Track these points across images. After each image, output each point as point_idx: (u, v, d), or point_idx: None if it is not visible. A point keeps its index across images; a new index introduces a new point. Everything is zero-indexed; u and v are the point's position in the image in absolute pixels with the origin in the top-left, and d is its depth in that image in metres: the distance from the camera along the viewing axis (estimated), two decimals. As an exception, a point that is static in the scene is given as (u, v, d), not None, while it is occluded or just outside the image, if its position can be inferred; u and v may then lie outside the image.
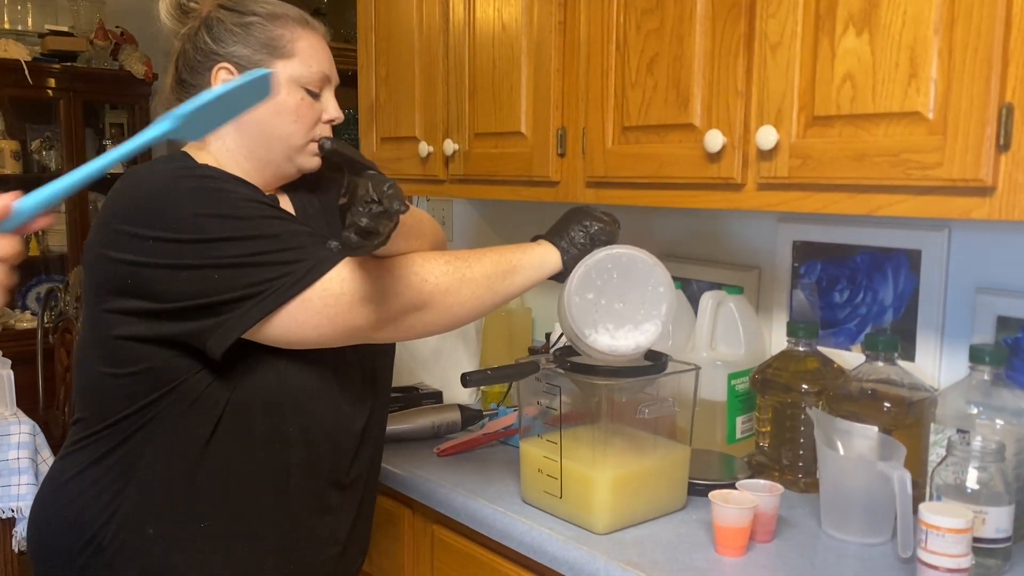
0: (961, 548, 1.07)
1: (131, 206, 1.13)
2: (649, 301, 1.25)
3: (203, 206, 1.11)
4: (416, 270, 1.12)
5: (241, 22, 1.25)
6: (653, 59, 1.43)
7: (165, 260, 1.09)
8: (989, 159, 1.05)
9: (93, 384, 1.21)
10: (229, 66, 1.24)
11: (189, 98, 1.18)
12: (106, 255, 1.13)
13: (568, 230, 1.28)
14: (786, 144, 1.25)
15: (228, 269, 1.08)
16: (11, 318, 3.77)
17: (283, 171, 1.29)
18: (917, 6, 1.09)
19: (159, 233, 1.09)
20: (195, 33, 1.27)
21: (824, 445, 1.30)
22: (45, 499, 1.26)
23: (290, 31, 1.26)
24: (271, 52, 1.24)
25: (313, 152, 1.29)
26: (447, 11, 1.87)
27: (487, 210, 2.40)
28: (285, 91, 1.24)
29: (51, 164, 3.90)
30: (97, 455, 1.20)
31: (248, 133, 1.24)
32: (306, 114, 1.26)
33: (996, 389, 1.26)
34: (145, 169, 1.19)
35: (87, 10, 3.91)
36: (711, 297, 1.63)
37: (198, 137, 1.17)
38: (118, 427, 1.18)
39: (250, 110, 0.95)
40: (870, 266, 1.57)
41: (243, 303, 1.08)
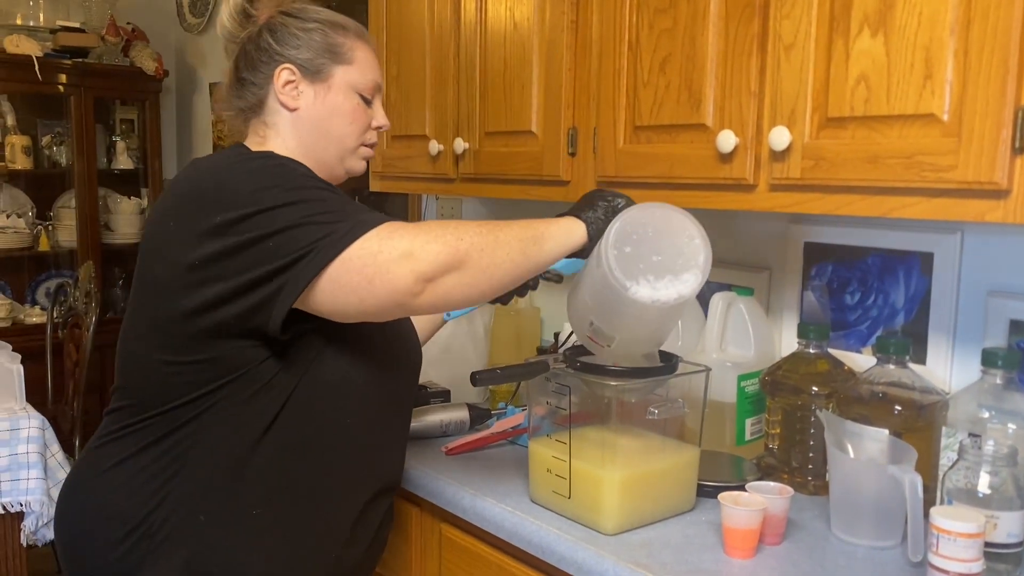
0: (972, 553, 1.06)
1: (196, 193, 1.17)
2: (686, 253, 1.23)
3: (261, 181, 1.14)
4: (451, 230, 1.11)
5: (304, 27, 1.32)
6: (665, 59, 1.43)
7: (232, 240, 1.11)
8: (1004, 162, 1.04)
9: (145, 371, 1.22)
10: (292, 67, 1.31)
11: (248, 94, 1.33)
12: (171, 242, 1.17)
13: (591, 206, 1.27)
14: (799, 145, 1.25)
15: (281, 234, 1.10)
16: (21, 313, 3.78)
17: (334, 172, 1.37)
18: (933, 7, 1.09)
19: (223, 215, 1.12)
20: (257, 36, 1.33)
21: (834, 448, 1.30)
22: (81, 487, 1.27)
23: (350, 40, 1.34)
24: (332, 57, 1.32)
25: (362, 156, 1.38)
26: (459, 10, 1.87)
27: (497, 209, 2.40)
28: (343, 95, 1.33)
29: (62, 160, 3.91)
30: (145, 443, 1.21)
31: (306, 132, 1.32)
32: (360, 118, 1.35)
33: (1008, 393, 1.25)
34: (207, 160, 1.25)
35: (99, 6, 3.92)
36: (721, 298, 1.63)
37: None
38: (172, 414, 1.20)
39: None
40: (882, 268, 1.56)
41: (294, 267, 1.09)
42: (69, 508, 1.29)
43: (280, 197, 1.12)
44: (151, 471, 1.21)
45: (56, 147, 3.93)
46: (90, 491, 1.25)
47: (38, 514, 2.27)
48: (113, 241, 4.01)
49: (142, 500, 1.20)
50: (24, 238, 3.84)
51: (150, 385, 1.22)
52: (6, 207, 3.85)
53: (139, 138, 4.12)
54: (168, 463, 1.20)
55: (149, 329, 1.21)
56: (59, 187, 3.98)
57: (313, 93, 1.32)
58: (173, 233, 1.17)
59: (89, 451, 1.29)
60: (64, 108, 3.83)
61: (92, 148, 3.84)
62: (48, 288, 3.98)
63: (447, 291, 1.12)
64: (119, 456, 1.23)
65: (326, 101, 1.32)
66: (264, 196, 1.12)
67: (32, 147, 3.82)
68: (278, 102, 1.32)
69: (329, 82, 1.32)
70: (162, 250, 1.18)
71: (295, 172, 1.18)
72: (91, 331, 2.99)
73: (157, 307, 1.19)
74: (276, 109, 1.32)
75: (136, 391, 1.24)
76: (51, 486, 2.33)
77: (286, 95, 1.31)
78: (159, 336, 1.20)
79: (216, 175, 1.18)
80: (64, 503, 1.30)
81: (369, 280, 1.08)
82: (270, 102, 1.33)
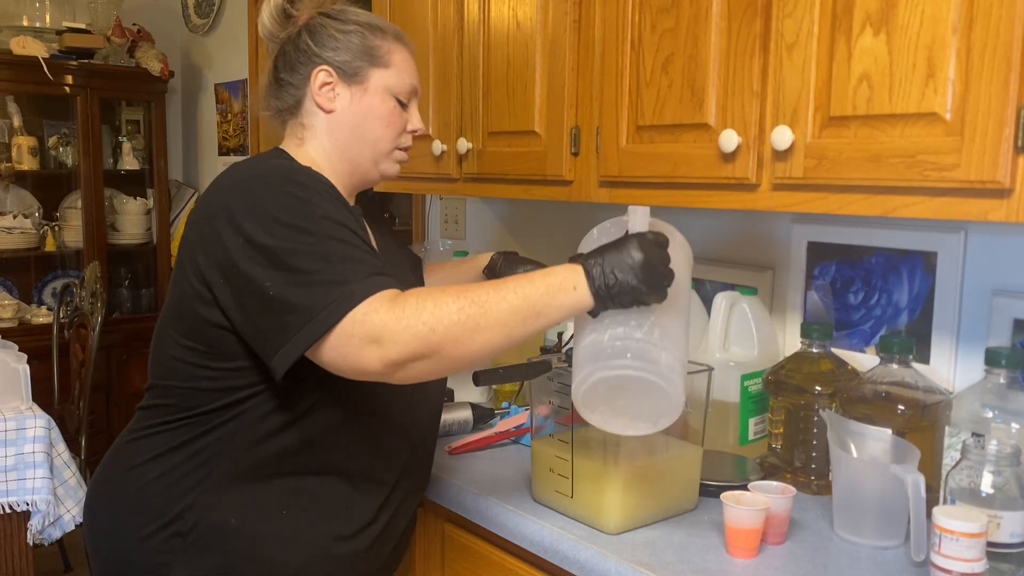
0: (975, 552, 1.06)
1: (222, 207, 1.17)
2: (651, 410, 1.17)
3: (284, 213, 1.13)
4: (425, 319, 1.06)
5: (343, 29, 1.32)
6: (668, 58, 1.43)
7: (237, 276, 1.13)
8: (1007, 161, 1.04)
9: (178, 372, 1.23)
10: (329, 69, 1.31)
11: (285, 95, 1.34)
12: (196, 251, 1.19)
13: (608, 258, 1.11)
14: (801, 144, 1.25)
15: (276, 296, 1.10)
16: (27, 313, 3.79)
17: (368, 175, 1.37)
18: (935, 6, 1.09)
19: (244, 234, 1.13)
20: (296, 36, 1.33)
21: (837, 447, 1.30)
22: (112, 479, 1.29)
23: (388, 43, 1.34)
24: (370, 60, 1.32)
25: (396, 159, 1.38)
26: (462, 10, 1.87)
27: (500, 209, 2.40)
28: (379, 98, 1.33)
29: (68, 160, 3.92)
30: (178, 442, 1.23)
31: (342, 135, 1.33)
32: (395, 122, 1.35)
33: (1012, 393, 1.25)
34: (245, 167, 1.24)
35: (105, 7, 3.93)
36: (725, 298, 1.63)
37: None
38: (204, 417, 1.21)
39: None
40: (885, 268, 1.56)
41: (282, 344, 1.10)
42: (99, 499, 1.30)
43: (290, 240, 1.11)
44: (183, 470, 1.22)
45: (62, 148, 3.94)
46: (121, 484, 1.27)
47: (44, 513, 2.28)
48: (119, 241, 4.03)
49: (174, 498, 1.22)
50: (30, 238, 3.85)
51: (183, 386, 1.23)
52: (13, 207, 3.87)
53: (145, 139, 4.13)
54: (200, 464, 1.22)
55: (180, 332, 1.23)
56: (65, 188, 4.00)
57: (350, 96, 1.32)
58: (198, 243, 1.19)
59: (121, 445, 1.31)
60: (70, 109, 3.85)
61: (98, 149, 3.85)
62: (54, 288, 3.99)
63: (419, 374, 1.11)
64: (152, 452, 1.24)
65: (362, 104, 1.32)
66: (276, 233, 1.11)
67: (38, 148, 3.83)
68: (315, 104, 1.32)
69: (365, 85, 1.32)
70: (191, 256, 1.20)
71: (319, 212, 1.14)
72: (97, 331, 3.00)
73: (188, 311, 1.21)
74: (313, 111, 1.33)
75: (169, 391, 1.25)
76: (57, 485, 2.34)
77: (323, 97, 1.31)
78: (191, 339, 1.21)
79: (246, 193, 1.17)
80: (94, 494, 1.32)
81: (344, 358, 1.09)
82: (307, 104, 1.33)
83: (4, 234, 3.76)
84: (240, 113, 3.84)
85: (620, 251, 1.11)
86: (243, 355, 1.19)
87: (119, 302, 4.08)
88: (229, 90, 3.93)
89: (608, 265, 1.10)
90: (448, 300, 1.08)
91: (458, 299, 1.08)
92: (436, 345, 1.07)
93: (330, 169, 1.32)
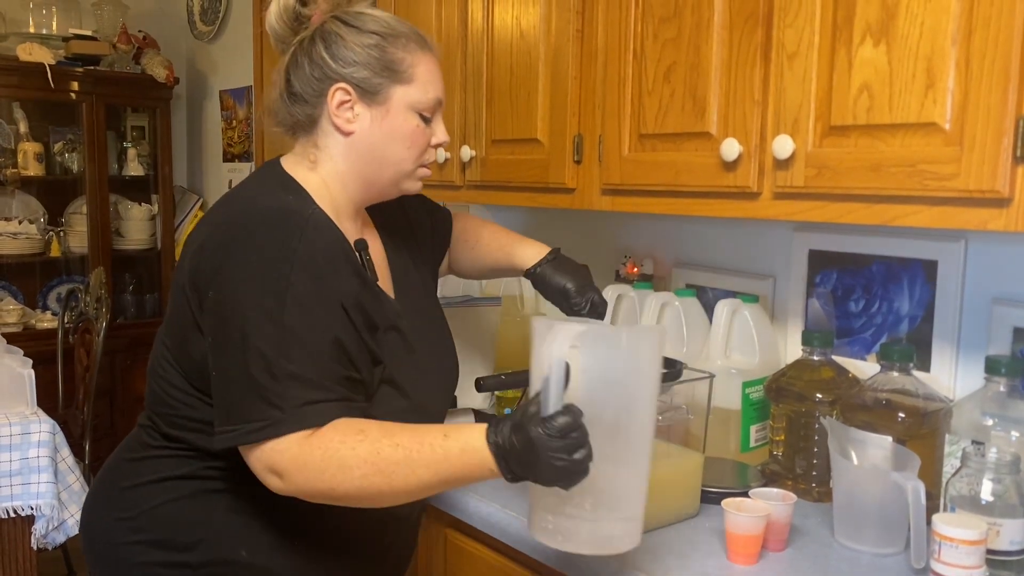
0: (974, 560, 1.07)
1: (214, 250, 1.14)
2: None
3: (257, 289, 1.09)
4: (327, 478, 1.05)
5: (361, 42, 1.20)
6: (670, 68, 1.44)
7: (206, 326, 1.13)
8: (1006, 170, 1.05)
9: (188, 405, 1.20)
10: (347, 87, 1.19)
11: (298, 110, 1.22)
12: (182, 281, 1.17)
13: (514, 454, 1.02)
14: (802, 153, 1.26)
15: (228, 376, 1.09)
16: (32, 318, 3.81)
17: (386, 193, 1.28)
18: (935, 17, 1.10)
19: (215, 295, 1.11)
20: (310, 44, 1.21)
21: (838, 454, 1.30)
22: (113, 501, 1.25)
23: (411, 55, 1.22)
24: (391, 76, 1.20)
25: (419, 177, 1.28)
26: (466, 18, 1.88)
27: (503, 216, 2.41)
28: (401, 118, 1.21)
29: (73, 166, 3.94)
30: (186, 471, 1.21)
31: (361, 156, 1.22)
32: (419, 141, 1.24)
33: (1012, 401, 1.25)
34: (239, 202, 1.20)
35: (110, 15, 3.95)
36: (726, 305, 1.63)
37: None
38: (219, 451, 1.15)
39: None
40: (886, 276, 1.56)
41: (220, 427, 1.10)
42: (101, 521, 1.27)
43: (249, 325, 1.07)
44: (190, 500, 1.20)
45: (68, 154, 3.96)
46: (122, 508, 1.23)
47: (48, 518, 2.29)
48: (124, 247, 4.04)
49: (182, 528, 1.20)
50: (36, 244, 3.87)
51: (186, 418, 1.20)
52: (18, 213, 3.88)
53: (150, 145, 4.15)
54: (209, 495, 1.20)
55: (188, 366, 1.19)
56: (71, 193, 4.01)
57: (370, 117, 1.21)
58: (187, 274, 1.17)
59: (128, 462, 1.27)
60: (76, 115, 3.86)
61: (103, 155, 3.87)
62: (59, 293, 4.00)
63: (318, 502, 1.10)
64: (158, 475, 1.22)
65: (383, 125, 1.21)
66: (246, 307, 1.08)
67: (44, 154, 3.85)
68: (331, 124, 1.21)
69: (387, 105, 1.20)
70: (178, 285, 1.19)
71: (294, 293, 1.08)
72: (101, 336, 3.02)
73: (175, 340, 1.20)
74: (329, 131, 1.22)
75: (170, 420, 1.22)
76: (61, 490, 2.35)
77: (340, 117, 1.20)
78: (194, 376, 1.18)
79: (232, 243, 1.12)
80: (95, 515, 1.28)
81: (251, 466, 1.09)
82: (322, 123, 1.22)
83: (10, 239, 3.78)
84: (245, 120, 3.86)
85: (529, 449, 0.99)
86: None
87: (123, 307, 4.10)
88: (234, 97, 3.94)
89: (515, 461, 1.01)
90: (356, 464, 1.04)
91: (366, 463, 1.04)
92: (337, 499, 1.08)
93: (342, 190, 1.24)
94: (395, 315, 1.25)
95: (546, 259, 1.44)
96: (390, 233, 1.38)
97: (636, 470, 1.10)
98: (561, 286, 1.39)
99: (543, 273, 1.42)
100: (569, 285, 1.39)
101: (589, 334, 1.05)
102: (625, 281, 1.96)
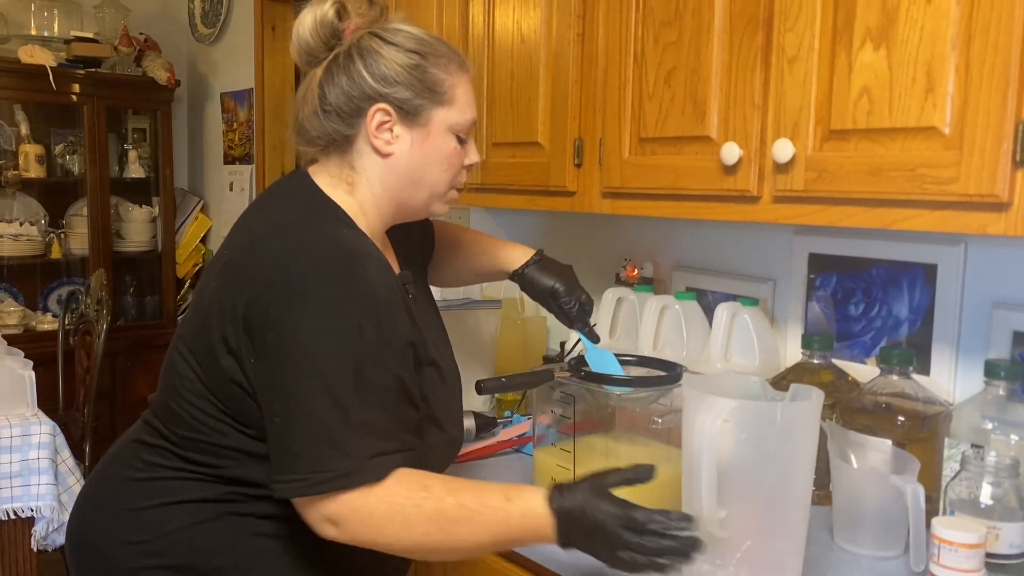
0: (974, 563, 1.07)
1: (249, 280, 1.10)
2: None
3: (327, 335, 1.05)
4: (389, 532, 1.05)
5: (401, 61, 1.17)
6: (671, 71, 1.44)
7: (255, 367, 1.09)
8: (1005, 175, 1.05)
9: (220, 432, 1.15)
10: (388, 108, 1.16)
11: (331, 128, 1.17)
12: (210, 302, 1.12)
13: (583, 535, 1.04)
14: (802, 157, 1.26)
15: (285, 421, 1.06)
16: (32, 320, 3.81)
17: (416, 214, 1.27)
18: (935, 22, 1.10)
19: (275, 334, 1.06)
20: (347, 60, 1.17)
21: (837, 458, 1.30)
22: (118, 521, 1.19)
23: (451, 76, 1.20)
24: (432, 98, 1.18)
25: (448, 200, 1.26)
26: (467, 22, 1.89)
27: (504, 219, 2.41)
28: (441, 140, 1.20)
29: (74, 168, 3.94)
30: (210, 495, 1.16)
31: (398, 179, 1.20)
32: (455, 163, 1.23)
33: (1011, 404, 1.26)
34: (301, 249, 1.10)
35: (112, 17, 3.96)
36: (726, 308, 1.64)
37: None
38: (251, 479, 1.14)
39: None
40: (886, 279, 1.57)
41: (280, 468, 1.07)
42: (101, 542, 1.20)
43: (330, 371, 1.04)
44: (214, 524, 1.16)
45: (69, 156, 3.96)
46: (133, 531, 1.17)
47: (48, 519, 2.29)
48: (125, 249, 4.04)
49: (204, 553, 1.16)
50: (36, 245, 3.87)
51: (215, 444, 1.16)
52: (19, 215, 3.89)
53: (151, 147, 4.15)
54: (233, 519, 1.16)
55: (211, 386, 1.15)
56: (71, 195, 4.01)
57: (410, 139, 1.18)
58: (214, 295, 1.13)
59: (127, 482, 1.20)
60: (77, 117, 3.87)
61: (104, 157, 3.87)
62: (60, 295, 4.01)
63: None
64: (174, 497, 1.17)
65: (424, 148, 1.19)
66: (316, 353, 1.04)
67: (45, 156, 3.85)
68: (369, 145, 1.18)
69: (428, 127, 1.19)
70: (215, 308, 1.13)
71: (364, 339, 1.06)
72: (102, 338, 3.02)
73: (213, 365, 1.14)
74: (366, 152, 1.19)
75: (196, 445, 1.16)
76: (61, 492, 2.35)
77: (380, 139, 1.17)
78: (220, 398, 1.14)
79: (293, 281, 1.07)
80: (91, 535, 1.22)
81: (302, 513, 1.08)
82: (359, 143, 1.19)
83: (10, 241, 3.78)
84: (245, 122, 3.86)
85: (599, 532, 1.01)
86: (247, 407, 1.13)
87: (124, 309, 4.10)
88: (235, 99, 3.95)
89: (578, 532, 1.03)
90: (419, 521, 1.04)
91: (429, 521, 1.04)
92: (389, 549, 1.08)
93: (376, 214, 1.22)
94: (432, 347, 1.24)
95: (531, 261, 1.46)
96: (403, 251, 1.37)
97: (792, 542, 1.11)
98: (549, 287, 1.41)
99: (530, 275, 1.44)
100: (557, 285, 1.41)
101: (742, 409, 1.05)
102: (625, 284, 1.96)
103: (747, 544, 1.06)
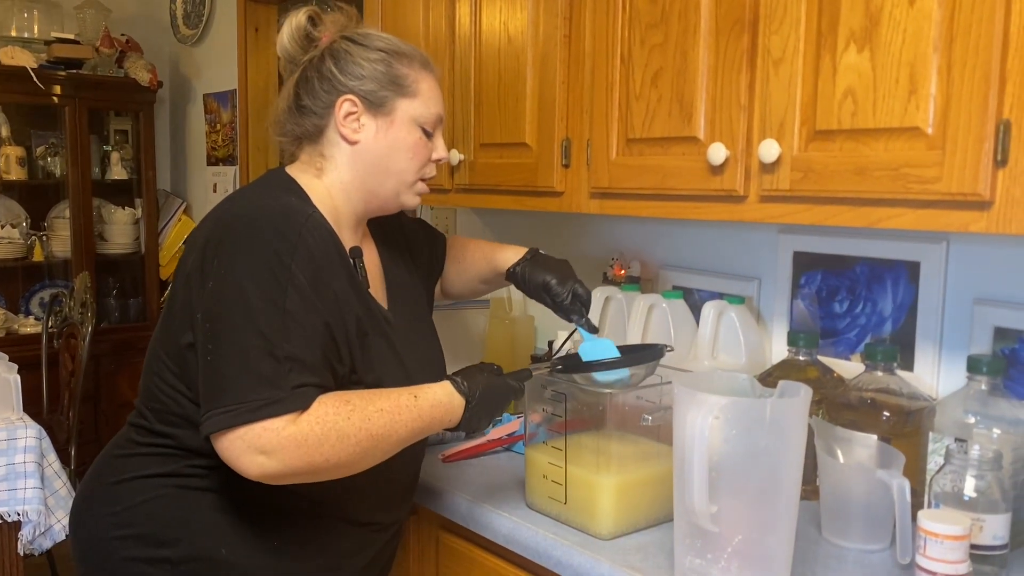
0: (959, 555, 1.09)
1: (215, 244, 1.16)
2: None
3: (256, 279, 1.12)
4: (325, 451, 1.11)
5: (368, 57, 1.28)
6: (657, 73, 1.46)
7: (203, 307, 1.14)
8: (987, 174, 1.07)
9: (175, 401, 1.22)
10: (354, 98, 1.27)
11: (306, 121, 1.29)
12: (192, 278, 1.18)
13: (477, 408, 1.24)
14: (788, 157, 1.28)
15: (221, 360, 1.11)
16: (14, 323, 3.78)
17: (387, 205, 1.35)
18: (917, 24, 1.12)
19: (213, 286, 1.13)
20: (319, 61, 1.29)
21: (824, 453, 1.32)
22: (100, 496, 1.27)
23: (415, 71, 1.30)
24: (396, 89, 1.28)
25: (417, 191, 1.35)
26: (453, 23, 1.90)
27: (491, 219, 2.42)
28: (405, 130, 1.29)
29: (56, 170, 3.92)
30: (170, 469, 1.23)
31: (365, 167, 1.29)
32: (420, 152, 1.31)
33: (993, 399, 1.28)
34: (248, 203, 1.23)
35: (93, 18, 3.93)
36: (713, 306, 1.65)
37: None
38: (202, 448, 1.18)
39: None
40: (870, 277, 1.59)
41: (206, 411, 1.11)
42: (85, 516, 1.29)
43: (248, 312, 1.11)
44: (173, 498, 1.22)
45: (50, 158, 3.93)
46: (109, 503, 1.26)
47: (35, 523, 2.27)
48: (107, 251, 4.02)
49: (164, 523, 1.22)
50: (18, 248, 3.84)
51: (180, 418, 1.22)
52: (0, 218, 3.86)
53: (133, 149, 4.13)
54: (191, 493, 1.22)
55: (169, 356, 1.23)
56: (53, 197, 3.99)
57: (375, 127, 1.28)
58: (184, 272, 1.19)
59: (110, 459, 1.30)
60: (58, 119, 3.84)
61: (86, 159, 3.85)
62: (42, 298, 3.98)
63: (288, 483, 1.14)
64: (141, 472, 1.24)
65: (388, 135, 1.29)
66: (248, 293, 1.11)
67: (26, 158, 3.82)
68: (338, 134, 1.28)
69: (392, 116, 1.28)
70: (181, 284, 1.20)
71: (295, 284, 1.13)
72: (87, 341, 3.00)
73: (172, 334, 1.22)
74: (335, 141, 1.29)
75: (160, 416, 1.24)
76: (47, 496, 2.34)
77: (347, 127, 1.28)
78: (177, 365, 1.21)
79: (233, 240, 1.16)
80: (81, 507, 1.31)
81: (230, 457, 1.11)
82: (329, 133, 1.29)
83: (-8, 244, 3.76)
84: (228, 123, 3.85)
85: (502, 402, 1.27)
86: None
87: (107, 312, 4.07)
88: (217, 100, 3.93)
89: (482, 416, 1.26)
90: (351, 432, 1.12)
91: (360, 430, 1.13)
92: (320, 470, 1.13)
93: (345, 200, 1.30)
94: (384, 322, 1.29)
95: (525, 258, 1.49)
96: (388, 247, 1.44)
97: (782, 536, 1.12)
98: (542, 280, 1.43)
99: (523, 271, 1.47)
100: (549, 279, 1.43)
101: (732, 406, 1.07)
102: (613, 283, 1.98)
103: (738, 538, 1.08)
